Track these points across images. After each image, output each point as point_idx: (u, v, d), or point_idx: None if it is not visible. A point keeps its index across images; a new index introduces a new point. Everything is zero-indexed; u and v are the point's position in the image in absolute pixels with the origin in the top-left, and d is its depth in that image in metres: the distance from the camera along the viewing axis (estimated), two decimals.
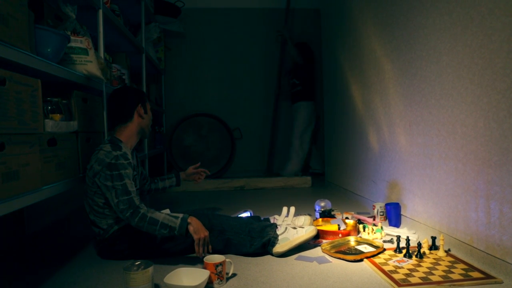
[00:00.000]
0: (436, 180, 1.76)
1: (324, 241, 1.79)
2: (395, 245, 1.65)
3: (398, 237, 1.61)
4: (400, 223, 2.04)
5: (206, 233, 1.47)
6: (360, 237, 1.79)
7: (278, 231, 1.63)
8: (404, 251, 1.56)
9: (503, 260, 1.35)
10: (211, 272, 1.29)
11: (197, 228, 1.46)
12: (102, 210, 1.57)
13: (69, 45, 1.65)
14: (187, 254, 1.63)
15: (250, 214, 2.13)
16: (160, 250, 1.59)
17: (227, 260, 1.36)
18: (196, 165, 2.14)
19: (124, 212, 1.45)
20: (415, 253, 1.52)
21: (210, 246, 1.49)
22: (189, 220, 1.46)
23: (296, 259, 1.57)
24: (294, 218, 1.84)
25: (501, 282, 1.28)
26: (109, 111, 1.73)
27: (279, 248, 1.59)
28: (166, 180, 2.09)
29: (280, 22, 4.33)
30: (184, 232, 1.45)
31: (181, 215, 1.48)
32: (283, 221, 1.75)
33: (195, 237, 1.45)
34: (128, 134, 1.69)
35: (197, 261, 1.54)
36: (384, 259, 1.52)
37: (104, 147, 1.57)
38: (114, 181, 1.48)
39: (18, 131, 1.19)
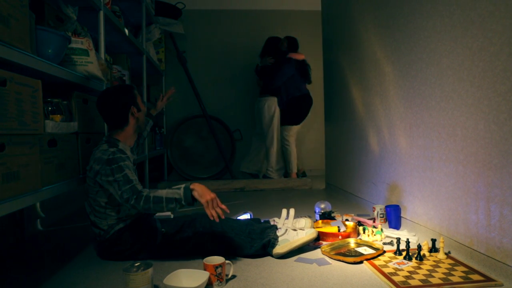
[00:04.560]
0: (436, 182, 1.76)
1: (324, 243, 1.79)
2: (395, 247, 1.65)
3: (398, 239, 1.61)
4: (400, 225, 2.04)
5: (213, 194, 1.44)
6: (360, 239, 1.79)
7: (279, 233, 1.63)
8: (404, 253, 1.56)
9: (503, 263, 1.35)
10: (211, 274, 1.29)
11: (202, 193, 1.43)
12: (103, 210, 1.57)
13: (70, 46, 1.66)
14: (187, 255, 1.62)
15: (250, 216, 2.13)
16: (161, 250, 1.59)
17: (226, 261, 1.36)
18: (160, 99, 2.21)
19: (130, 201, 1.43)
20: (415, 255, 1.52)
21: (224, 206, 1.46)
22: (191, 187, 1.44)
23: (296, 260, 1.57)
24: (295, 220, 1.84)
25: (501, 285, 1.28)
26: (103, 118, 1.69)
27: (279, 249, 1.59)
28: (146, 127, 2.15)
29: (279, 23, 4.34)
30: (191, 199, 1.42)
31: (183, 185, 1.45)
32: (283, 224, 1.74)
33: (202, 201, 1.42)
34: (126, 136, 1.68)
35: (197, 263, 1.54)
36: (384, 261, 1.52)
37: (101, 147, 1.57)
38: (115, 174, 1.47)
39: (18, 131, 1.19)
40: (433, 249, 1.59)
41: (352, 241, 1.74)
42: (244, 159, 3.98)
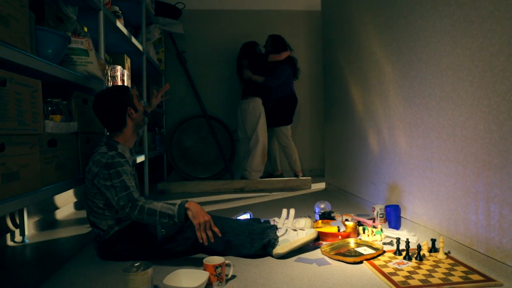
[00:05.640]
0: (436, 182, 1.76)
1: (324, 243, 1.79)
2: (394, 247, 1.65)
3: (398, 239, 1.61)
4: (400, 225, 2.04)
5: (207, 217, 1.43)
6: (360, 239, 1.79)
7: (279, 233, 1.63)
8: (404, 253, 1.56)
9: (503, 263, 1.35)
10: (211, 274, 1.29)
11: (196, 213, 1.42)
12: (102, 211, 1.57)
13: (69, 46, 1.66)
14: (187, 255, 1.63)
15: (250, 216, 2.13)
16: (160, 251, 1.59)
17: (226, 261, 1.36)
18: (155, 95, 2.14)
19: (125, 208, 1.44)
20: (415, 255, 1.52)
21: (216, 230, 1.45)
22: (186, 206, 1.43)
23: (295, 261, 1.57)
24: (295, 220, 1.84)
25: (501, 285, 1.28)
26: (101, 121, 1.68)
27: (279, 249, 1.59)
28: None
29: (279, 23, 4.34)
30: (184, 218, 1.42)
31: (179, 202, 1.45)
32: (283, 224, 1.74)
33: (195, 222, 1.41)
34: (125, 137, 1.68)
35: (197, 263, 1.54)
36: (384, 261, 1.52)
37: (100, 149, 1.57)
38: (112, 179, 1.47)
39: (18, 131, 1.19)
40: (433, 249, 1.59)
41: (352, 241, 1.74)
42: (241, 166, 3.85)
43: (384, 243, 1.76)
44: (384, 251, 1.63)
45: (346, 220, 2.05)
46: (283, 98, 3.68)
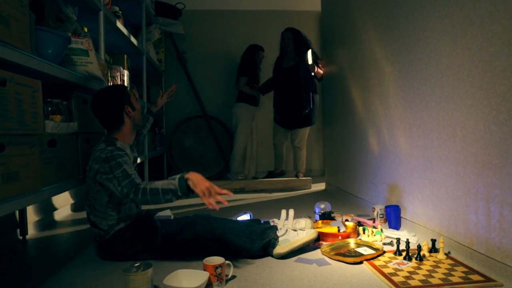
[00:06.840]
0: (436, 182, 1.76)
1: (324, 243, 1.79)
2: (395, 248, 1.65)
3: (398, 240, 1.61)
4: (400, 226, 2.04)
5: (207, 183, 1.41)
6: (360, 239, 1.79)
7: (279, 233, 1.63)
8: (404, 253, 1.56)
9: (503, 263, 1.35)
10: (211, 274, 1.29)
11: (197, 181, 1.40)
12: (104, 209, 1.57)
13: (69, 46, 1.66)
14: (187, 256, 1.62)
15: (250, 216, 2.13)
16: (161, 251, 1.59)
17: (226, 262, 1.36)
18: (160, 96, 2.28)
19: (129, 194, 1.43)
20: (415, 256, 1.52)
21: (225, 191, 1.43)
22: (186, 176, 1.42)
23: (295, 261, 1.57)
24: (295, 221, 1.84)
25: (501, 285, 1.28)
26: (99, 120, 1.68)
27: (279, 249, 1.59)
28: (147, 124, 2.20)
29: (279, 23, 4.34)
30: (186, 189, 1.41)
31: (178, 175, 1.44)
32: (283, 225, 1.74)
33: (197, 190, 1.39)
34: (124, 135, 1.68)
35: (197, 263, 1.54)
36: (384, 261, 1.52)
37: (99, 146, 1.58)
38: (114, 171, 1.47)
39: (18, 132, 1.19)
40: (433, 249, 1.59)
41: (352, 242, 1.74)
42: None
43: (384, 244, 1.76)
44: (384, 252, 1.63)
45: (346, 220, 2.05)
46: (312, 95, 3.56)
